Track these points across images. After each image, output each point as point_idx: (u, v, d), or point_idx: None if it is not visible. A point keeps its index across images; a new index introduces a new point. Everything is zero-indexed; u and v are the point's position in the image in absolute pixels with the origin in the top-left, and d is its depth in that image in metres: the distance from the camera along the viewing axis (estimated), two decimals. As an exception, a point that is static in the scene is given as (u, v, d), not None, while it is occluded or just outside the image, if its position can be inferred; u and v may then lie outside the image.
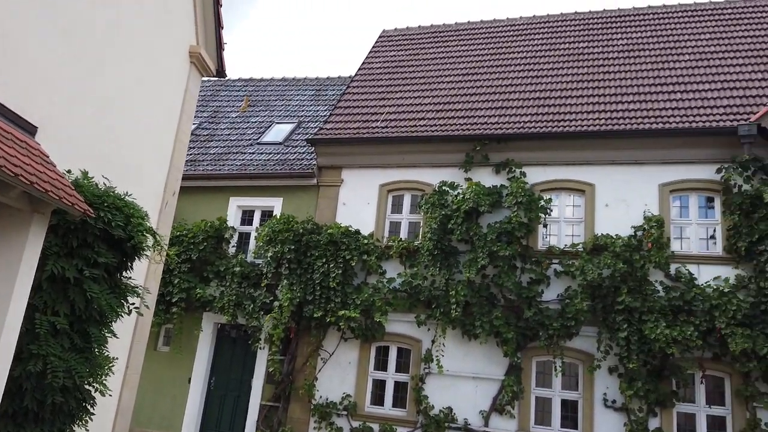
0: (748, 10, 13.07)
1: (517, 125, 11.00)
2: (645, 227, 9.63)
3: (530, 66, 12.95)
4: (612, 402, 9.27)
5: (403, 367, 10.61)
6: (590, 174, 10.42)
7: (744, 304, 8.71)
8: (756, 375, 8.62)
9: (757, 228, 8.88)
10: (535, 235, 10.34)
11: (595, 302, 9.42)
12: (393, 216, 11.45)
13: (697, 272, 9.37)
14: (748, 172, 9.34)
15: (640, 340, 8.94)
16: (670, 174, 10.00)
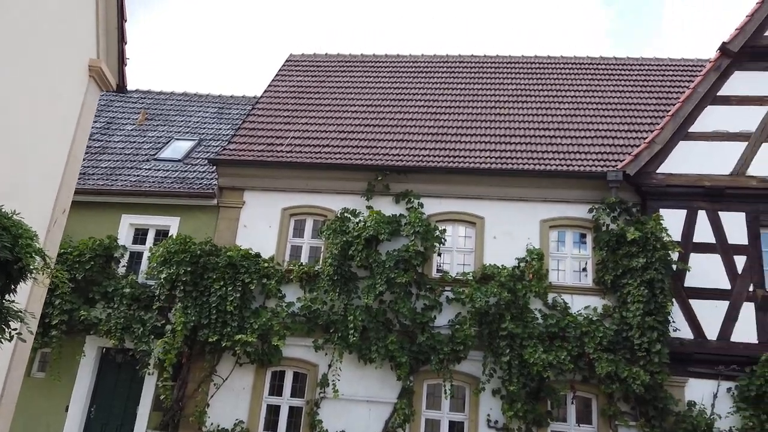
0: (618, 67, 14.79)
1: (417, 158, 11.61)
2: (527, 259, 10.52)
3: (430, 102, 13.73)
4: (495, 422, 9.94)
5: (299, 391, 10.67)
6: (481, 208, 11.21)
7: (609, 331, 9.77)
8: (618, 396, 9.64)
9: (621, 263, 10.02)
10: (430, 263, 10.92)
11: (482, 328, 10.09)
12: (295, 240, 11.57)
13: (570, 302, 10.36)
14: (615, 213, 10.55)
15: (520, 364, 9.70)
16: (550, 211, 11.02)
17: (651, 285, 9.58)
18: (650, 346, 9.32)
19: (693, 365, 9.72)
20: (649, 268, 9.62)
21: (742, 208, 10.28)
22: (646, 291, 9.53)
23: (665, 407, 9.31)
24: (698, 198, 10.39)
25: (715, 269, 10.04)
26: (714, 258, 10.11)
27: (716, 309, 9.88)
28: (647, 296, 9.52)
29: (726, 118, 10.69)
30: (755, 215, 10.24)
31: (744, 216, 10.27)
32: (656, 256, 9.65)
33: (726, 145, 10.54)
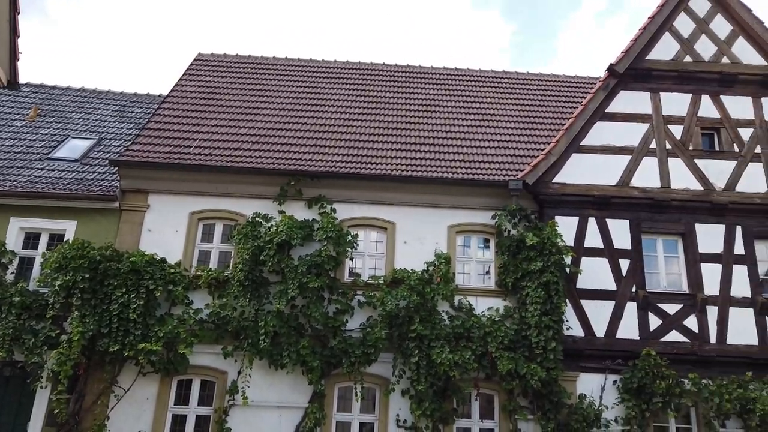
0: (519, 82, 15.73)
1: (330, 164, 11.72)
2: (435, 263, 10.94)
3: (343, 109, 13.89)
4: (404, 422, 10.23)
5: (207, 400, 10.41)
6: (392, 213, 11.51)
7: (510, 330, 10.37)
8: (517, 391, 10.26)
9: (521, 267, 10.67)
10: (342, 268, 11.06)
11: (392, 330, 10.35)
12: (203, 245, 11.29)
13: (475, 303, 10.89)
14: (515, 220, 11.22)
15: (428, 364, 10.06)
16: (457, 217, 11.52)
17: (547, 287, 10.27)
18: (546, 344, 10.00)
19: (584, 361, 10.54)
20: (546, 271, 10.32)
21: (626, 216, 11.30)
22: (542, 293, 10.21)
23: (559, 400, 10.02)
24: (589, 206, 11.30)
25: (602, 272, 10.97)
26: (602, 261, 11.04)
27: (604, 308, 10.78)
28: (544, 297, 10.20)
29: (613, 134, 11.73)
30: (637, 222, 11.29)
31: (628, 223, 11.29)
32: (552, 260, 10.37)
33: (612, 158, 11.55)
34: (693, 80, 12.03)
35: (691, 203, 11.27)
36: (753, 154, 11.65)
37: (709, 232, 11.24)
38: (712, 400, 10.17)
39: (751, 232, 11.26)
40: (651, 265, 11.19)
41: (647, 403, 10.08)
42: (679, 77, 12.03)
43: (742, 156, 11.64)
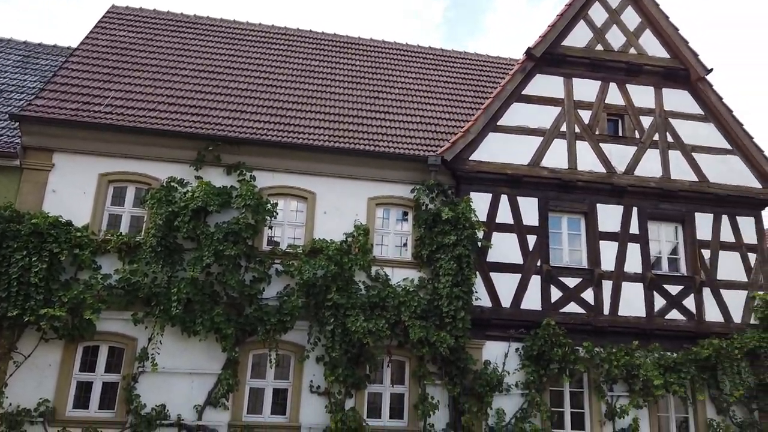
0: (444, 59, 15.99)
1: (251, 130, 11.51)
2: (354, 234, 11.11)
3: (266, 74, 13.60)
4: (317, 388, 10.46)
5: (115, 367, 10.15)
6: (313, 183, 11.52)
7: (423, 300, 10.77)
8: (427, 358, 10.71)
9: (436, 240, 11.04)
10: (261, 237, 11.01)
11: (309, 299, 10.48)
12: (113, 209, 10.84)
13: (391, 274, 11.19)
14: (433, 194, 11.56)
15: (343, 332, 10.28)
16: (377, 189, 11.70)
17: (459, 260, 10.71)
18: (456, 313, 10.47)
19: (490, 329, 11.15)
20: (459, 244, 10.75)
21: (535, 194, 11.92)
22: (455, 265, 10.65)
23: (466, 366, 10.58)
24: (502, 184, 11.81)
25: (511, 247, 11.56)
26: (511, 237, 11.62)
27: (511, 281, 11.40)
28: (456, 270, 10.64)
29: (528, 115, 12.25)
30: (545, 201, 11.94)
31: (537, 201, 11.92)
32: (465, 234, 10.81)
33: (526, 139, 12.09)
34: (602, 68, 12.74)
35: (594, 185, 12.04)
36: (651, 141, 12.56)
37: (609, 212, 12.08)
38: (602, 366, 11.10)
39: (645, 214, 12.21)
40: (555, 241, 11.91)
41: (545, 369, 10.84)
42: (590, 64, 12.69)
43: (642, 142, 12.52)
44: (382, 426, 10.57)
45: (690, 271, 12.03)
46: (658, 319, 11.61)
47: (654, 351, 11.32)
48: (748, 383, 11.27)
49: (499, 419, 10.58)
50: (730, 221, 12.38)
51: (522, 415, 10.68)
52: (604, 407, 11.07)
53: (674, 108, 12.80)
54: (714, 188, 12.33)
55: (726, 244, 12.27)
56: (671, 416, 11.54)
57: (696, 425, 11.42)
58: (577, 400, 11.31)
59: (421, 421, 10.53)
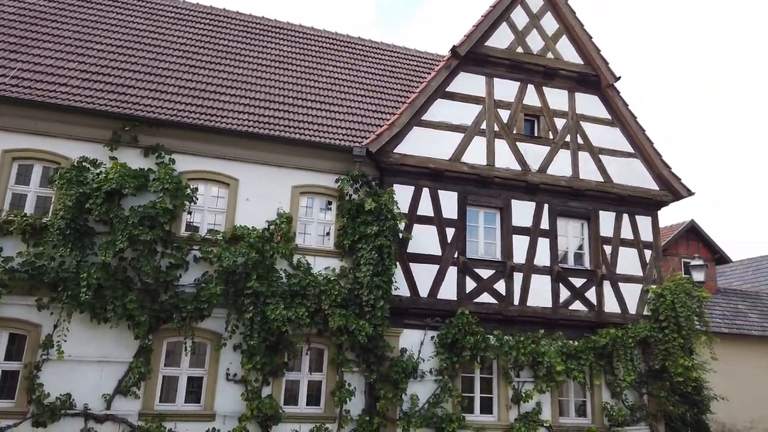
0: (373, 50, 16.12)
1: (171, 111, 11.16)
2: (277, 222, 11.07)
3: (189, 54, 13.20)
4: (233, 375, 10.40)
5: (16, 354, 9.61)
6: (236, 169, 11.35)
7: (343, 289, 10.93)
8: (346, 346, 10.91)
9: (358, 230, 11.21)
10: (179, 222, 10.74)
11: (228, 287, 10.37)
12: (17, 188, 10.20)
13: (313, 263, 11.26)
14: (357, 185, 11.71)
15: (262, 320, 10.27)
16: (301, 178, 11.70)
17: (380, 250, 10.94)
18: (375, 302, 10.71)
19: (407, 318, 11.50)
20: (380, 235, 10.97)
21: (455, 189, 12.35)
22: (376, 255, 10.87)
23: (383, 354, 10.87)
24: (424, 177, 12.15)
25: (431, 238, 11.94)
26: (431, 229, 12.00)
27: (429, 272, 11.79)
28: (377, 259, 10.87)
29: (451, 111, 12.64)
30: (464, 195, 12.40)
31: (456, 195, 12.36)
32: (387, 225, 11.04)
33: (448, 135, 12.48)
34: (522, 70, 13.34)
35: (510, 181, 12.63)
36: (564, 142, 13.32)
37: (523, 207, 12.73)
38: (510, 353, 11.73)
39: (555, 210, 12.97)
40: (472, 234, 12.42)
41: (458, 356, 11.33)
42: (510, 66, 13.25)
43: (555, 143, 13.26)
44: (299, 413, 10.68)
45: (593, 265, 12.92)
46: (562, 310, 12.40)
47: (558, 339, 12.11)
48: (639, 369, 12.32)
49: (413, 404, 10.98)
50: (630, 220, 13.39)
51: (435, 400, 11.12)
52: (511, 392, 11.72)
53: (585, 112, 13.63)
54: (617, 189, 13.28)
55: (625, 240, 13.27)
56: (571, 400, 12.40)
57: (592, 408, 12.34)
58: (486, 385, 11.90)
59: (337, 408, 10.73)
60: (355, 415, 10.78)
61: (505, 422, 11.56)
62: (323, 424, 10.58)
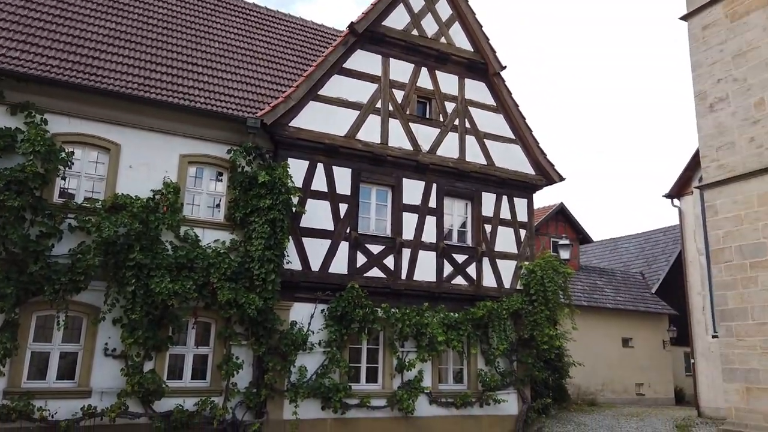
0: (270, 19, 15.72)
1: (45, 67, 10.20)
2: (163, 192, 10.59)
3: (67, 6, 12.07)
4: (112, 350, 9.92)
5: None
6: (118, 134, 10.67)
7: (234, 263, 10.76)
8: (235, 319, 10.80)
9: (251, 203, 11.05)
10: (51, 188, 9.94)
11: (108, 258, 9.81)
12: None
13: (202, 235, 10.95)
14: (250, 157, 11.49)
15: (145, 294, 9.86)
16: (190, 147, 11.25)
17: (273, 224, 10.89)
18: (267, 276, 10.68)
19: (298, 292, 11.60)
20: (273, 209, 10.90)
21: (349, 165, 12.53)
22: (268, 228, 10.80)
23: (272, 327, 10.90)
24: (319, 152, 12.19)
25: (324, 213, 12.07)
26: (324, 204, 12.12)
27: (321, 246, 11.94)
28: (269, 233, 10.81)
29: (347, 88, 12.74)
30: (358, 172, 12.63)
31: (350, 172, 12.55)
32: (280, 199, 10.99)
33: (344, 111, 12.60)
34: (417, 52, 13.72)
35: (402, 160, 13.04)
36: (453, 125, 13.96)
37: (413, 186, 13.23)
38: (396, 325, 12.26)
39: (443, 190, 13.61)
40: (365, 210, 12.72)
41: (347, 328, 11.65)
42: (406, 47, 13.58)
43: (444, 125, 13.85)
44: (183, 387, 10.45)
45: (474, 242, 13.78)
46: (445, 284, 13.14)
47: (440, 312, 12.84)
48: (511, 339, 13.41)
49: (302, 375, 11.16)
50: (508, 201, 14.40)
51: (323, 371, 11.38)
52: (396, 362, 12.28)
53: (473, 97, 14.35)
54: (498, 172, 14.19)
55: (504, 220, 14.26)
56: (449, 368, 13.26)
57: (469, 375, 13.28)
58: (372, 355, 12.37)
59: (224, 381, 10.63)
60: (242, 388, 10.75)
61: (389, 390, 12.11)
62: (209, 398, 10.45)
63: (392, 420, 11.98)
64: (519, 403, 13.48)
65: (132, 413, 9.80)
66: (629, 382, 23.84)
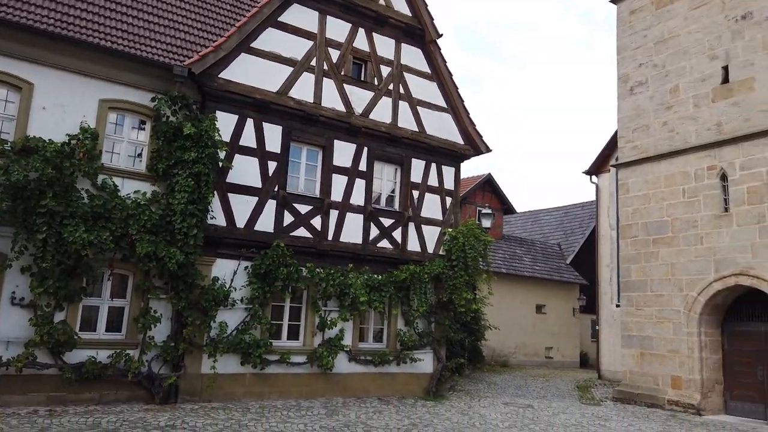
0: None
1: (-55, -8, 9.33)
2: (80, 137, 10.07)
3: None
4: (20, 299, 9.51)
5: None
6: (31, 72, 9.99)
7: (155, 215, 10.47)
8: (154, 273, 10.58)
9: (175, 154, 10.72)
10: (-47, 125, 9.24)
11: (17, 203, 9.30)
12: None
13: (121, 185, 10.54)
14: (176, 107, 11.08)
15: (58, 242, 9.46)
16: (112, 92, 10.72)
17: (198, 177, 10.64)
18: (189, 230, 10.47)
19: (222, 248, 11.48)
20: (199, 162, 10.64)
21: (280, 123, 12.36)
22: (192, 182, 10.55)
23: (193, 282, 10.77)
24: (249, 107, 11.94)
25: (252, 170, 11.91)
26: (253, 161, 11.95)
27: (248, 203, 11.81)
28: (193, 187, 10.56)
29: (281, 43, 12.46)
30: (289, 130, 12.49)
31: (281, 129, 12.39)
32: (206, 153, 10.72)
33: (277, 67, 12.33)
34: (355, 12, 13.54)
35: (334, 121, 12.99)
36: (387, 90, 13.99)
37: (344, 148, 13.24)
38: (320, 285, 12.42)
39: (373, 154, 13.70)
40: (294, 169, 12.64)
41: (270, 286, 11.69)
42: (344, 6, 13.36)
43: (379, 89, 13.86)
44: (97, 339, 10.22)
45: (401, 207, 14.04)
46: (371, 247, 13.37)
47: (364, 273, 13.09)
48: (431, 301, 13.90)
49: (222, 331, 11.15)
50: (437, 169, 14.71)
51: (244, 327, 11.42)
52: (318, 320, 12.49)
53: (409, 63, 14.40)
54: (429, 139, 14.43)
55: (431, 187, 14.58)
56: (370, 327, 13.62)
57: (388, 334, 13.71)
58: (295, 313, 12.51)
59: (140, 334, 10.47)
60: (159, 342, 10.63)
61: (310, 347, 12.34)
62: (124, 350, 10.27)
63: (311, 376, 12.25)
64: (434, 363, 14.09)
65: (40, 364, 9.50)
66: (540, 346, 25.37)
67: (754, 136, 12.99)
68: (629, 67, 16.01)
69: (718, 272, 13.29)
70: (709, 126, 13.95)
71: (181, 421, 9.05)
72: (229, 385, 11.22)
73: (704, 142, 13.94)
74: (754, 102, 13.16)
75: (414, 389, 13.65)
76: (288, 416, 10.11)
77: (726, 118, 13.64)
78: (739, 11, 13.69)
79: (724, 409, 13.56)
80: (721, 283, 13.27)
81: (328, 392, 12.41)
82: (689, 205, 14.08)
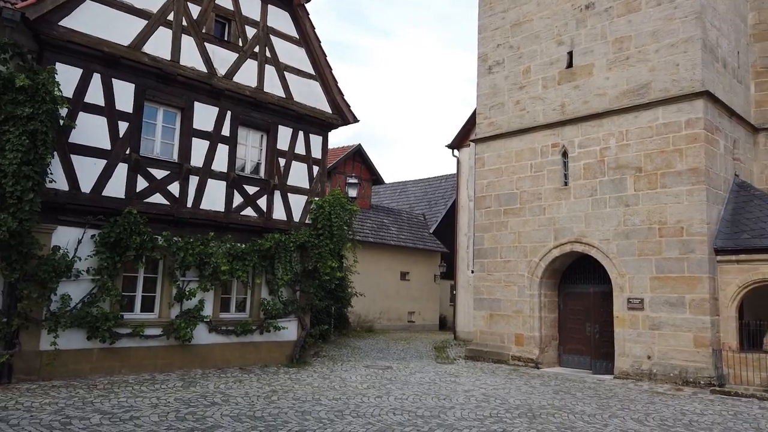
0: None
1: None
2: None
3: None
4: None
5: None
6: None
7: (-22, 176, 9.27)
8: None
9: (5, 109, 9.52)
10: None
11: None
12: None
13: (-64, 141, 9.20)
14: (6, 55, 9.81)
15: None
16: None
17: (34, 136, 9.57)
18: (23, 194, 9.41)
19: (64, 214, 10.51)
20: (35, 119, 9.55)
21: (132, 80, 11.45)
22: (27, 141, 9.47)
23: (29, 251, 9.76)
24: (96, 61, 10.90)
25: (99, 130, 10.95)
26: (100, 120, 10.98)
27: (95, 166, 10.87)
28: (28, 146, 9.48)
29: (134, -7, 11.46)
30: (143, 89, 11.62)
31: (134, 87, 11.49)
32: (44, 109, 9.65)
33: (129, 18, 11.36)
34: (218, -33, 12.82)
35: (194, 82, 12.30)
36: (252, 52, 13.49)
37: (205, 111, 12.62)
38: (178, 254, 11.87)
39: (238, 119, 13.22)
40: (149, 132, 11.82)
41: (121, 256, 10.95)
42: (206, -40, 12.59)
43: (243, 51, 13.32)
44: None
45: (267, 175, 13.77)
46: (234, 215, 13.00)
47: (227, 242, 12.73)
48: (296, 270, 13.91)
49: (64, 304, 10.29)
50: (304, 137, 14.58)
51: (90, 299, 10.63)
52: (175, 291, 11.97)
53: (276, 26, 13.97)
54: (296, 107, 14.21)
55: (298, 156, 14.44)
56: (233, 297, 13.34)
57: (252, 303, 13.53)
58: (150, 284, 11.88)
59: (-36, 310, 9.35)
60: (-12, 318, 9.58)
61: (166, 319, 11.82)
62: (-57, 330, 9.13)
63: (167, 348, 11.77)
64: (298, 330, 14.19)
65: None
66: (403, 311, 26.58)
67: (591, 117, 14.43)
68: (488, 47, 16.92)
69: (557, 240, 14.75)
70: (555, 106, 15.25)
71: (14, 402, 8.28)
72: (73, 362, 10.45)
73: (550, 121, 15.24)
74: (592, 86, 14.58)
75: (277, 357, 13.68)
76: (140, 390, 9.67)
77: (569, 100, 14.98)
78: (584, 1, 14.98)
79: (558, 362, 15.24)
80: (558, 250, 14.75)
81: (187, 364, 12.04)
82: (535, 179, 15.39)
